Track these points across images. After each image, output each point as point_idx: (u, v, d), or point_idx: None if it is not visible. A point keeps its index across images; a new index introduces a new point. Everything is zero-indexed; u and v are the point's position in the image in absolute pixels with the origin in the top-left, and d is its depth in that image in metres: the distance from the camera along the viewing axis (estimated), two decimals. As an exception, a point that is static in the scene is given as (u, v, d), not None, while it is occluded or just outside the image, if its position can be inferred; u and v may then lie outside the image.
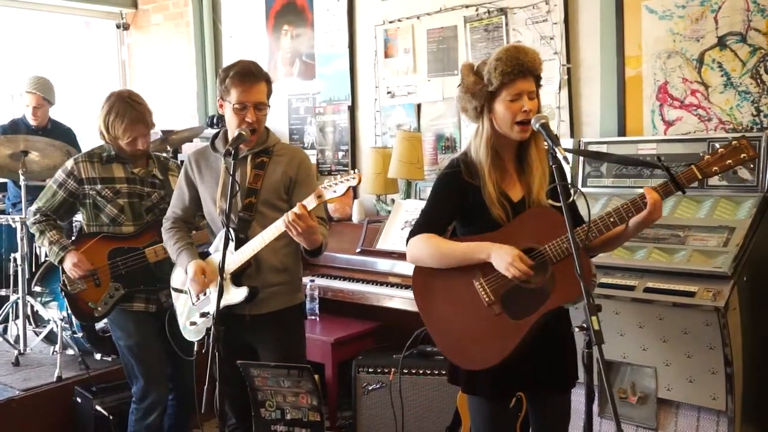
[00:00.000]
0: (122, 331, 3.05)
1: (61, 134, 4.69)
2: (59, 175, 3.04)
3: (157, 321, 3.04)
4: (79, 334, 3.88)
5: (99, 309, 3.00)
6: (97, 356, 3.95)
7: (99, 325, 3.78)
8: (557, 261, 2.07)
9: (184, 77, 5.69)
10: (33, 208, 3.10)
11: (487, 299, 2.16)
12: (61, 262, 3.01)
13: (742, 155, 2.01)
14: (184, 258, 2.71)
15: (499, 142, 2.20)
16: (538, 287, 2.09)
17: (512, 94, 2.12)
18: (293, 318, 2.75)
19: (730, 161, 2.02)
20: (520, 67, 2.11)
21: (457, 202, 2.23)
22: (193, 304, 2.77)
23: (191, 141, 4.85)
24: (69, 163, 3.04)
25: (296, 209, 2.37)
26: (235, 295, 2.58)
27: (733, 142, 2.02)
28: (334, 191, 2.36)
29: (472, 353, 2.19)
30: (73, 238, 3.20)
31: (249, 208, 2.62)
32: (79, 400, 3.60)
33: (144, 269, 3.02)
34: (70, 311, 3.16)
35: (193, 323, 2.76)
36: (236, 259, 2.57)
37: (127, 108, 2.93)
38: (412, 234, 2.27)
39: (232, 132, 2.59)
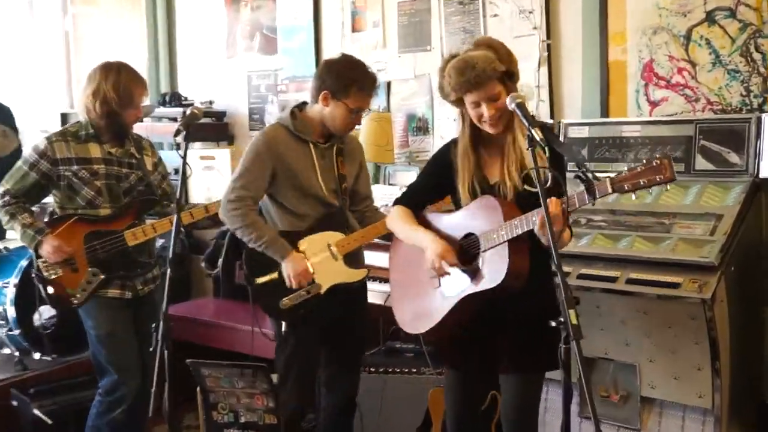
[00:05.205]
0: (93, 320, 2.96)
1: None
2: (30, 155, 2.92)
3: (131, 309, 2.99)
4: (16, 332, 3.70)
5: (77, 296, 2.89)
6: (36, 356, 3.76)
7: (39, 322, 3.63)
8: (485, 250, 2.17)
9: (135, 52, 5.38)
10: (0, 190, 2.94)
11: (430, 272, 2.31)
12: (37, 246, 2.87)
13: (658, 177, 1.89)
14: (281, 249, 2.73)
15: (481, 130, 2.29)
16: (471, 270, 2.22)
17: (470, 102, 2.21)
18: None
19: (644, 180, 1.91)
20: (466, 85, 2.15)
21: (441, 178, 2.37)
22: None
23: (141, 121, 4.60)
24: (41, 143, 2.92)
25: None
26: (354, 275, 2.84)
27: (655, 161, 1.91)
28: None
29: (408, 316, 2.44)
30: (45, 220, 3.05)
31: (345, 192, 2.88)
32: (15, 403, 3.47)
33: (122, 253, 2.93)
34: (46, 298, 3.00)
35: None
36: (351, 241, 2.82)
37: (130, 69, 2.97)
38: (396, 202, 2.48)
39: (334, 124, 2.76)
